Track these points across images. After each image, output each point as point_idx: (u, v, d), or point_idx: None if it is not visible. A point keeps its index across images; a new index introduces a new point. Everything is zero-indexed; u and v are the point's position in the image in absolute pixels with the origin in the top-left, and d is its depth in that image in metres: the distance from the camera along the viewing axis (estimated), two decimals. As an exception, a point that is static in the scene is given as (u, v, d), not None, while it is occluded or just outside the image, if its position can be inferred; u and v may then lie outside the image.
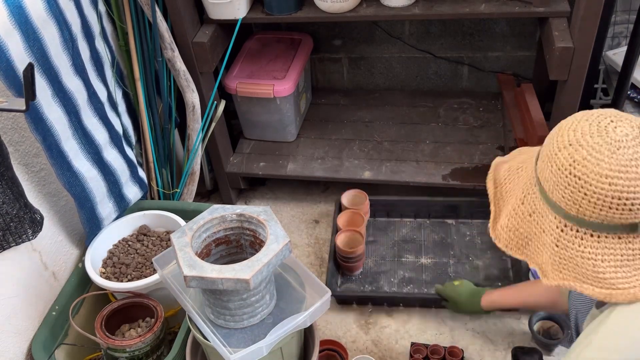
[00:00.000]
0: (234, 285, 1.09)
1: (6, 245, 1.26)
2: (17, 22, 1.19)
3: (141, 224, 1.65)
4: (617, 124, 0.87)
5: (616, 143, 0.85)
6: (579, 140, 0.87)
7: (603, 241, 0.88)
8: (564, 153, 0.88)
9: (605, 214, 0.86)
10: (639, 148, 0.84)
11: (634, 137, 0.85)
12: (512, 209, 1.01)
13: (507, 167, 1.09)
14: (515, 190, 1.03)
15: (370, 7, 1.68)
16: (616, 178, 0.83)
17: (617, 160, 0.84)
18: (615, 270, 0.88)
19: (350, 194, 1.91)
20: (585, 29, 1.45)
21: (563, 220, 0.91)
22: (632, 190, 0.83)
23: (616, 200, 0.84)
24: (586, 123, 0.89)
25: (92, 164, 1.48)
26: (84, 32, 1.45)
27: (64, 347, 1.46)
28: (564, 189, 0.88)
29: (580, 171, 0.86)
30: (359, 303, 1.76)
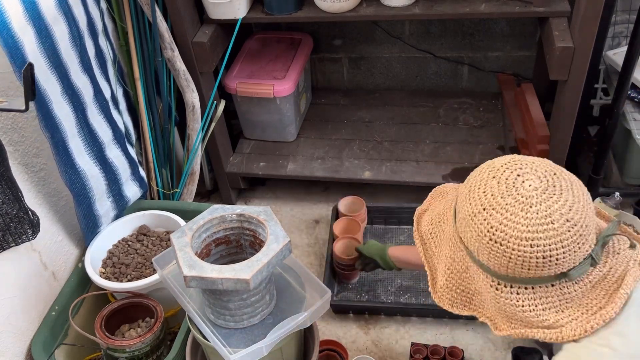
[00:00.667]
0: (234, 285, 1.09)
1: (6, 245, 1.26)
2: (31, 18, 1.19)
3: (141, 224, 1.65)
4: (525, 177, 0.88)
5: (527, 200, 0.85)
6: (491, 204, 0.87)
7: (538, 292, 0.89)
8: (480, 218, 0.88)
9: (533, 271, 0.86)
10: (550, 201, 0.85)
11: (543, 189, 0.86)
12: (447, 268, 1.00)
13: (429, 219, 1.10)
14: (443, 247, 1.03)
15: (370, 7, 1.68)
16: (536, 239, 0.84)
17: (533, 220, 0.84)
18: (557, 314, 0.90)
19: (347, 201, 1.90)
20: (585, 28, 1.45)
21: (495, 279, 0.92)
22: (553, 246, 0.84)
23: (541, 259, 0.85)
24: (494, 181, 0.89)
25: (94, 161, 1.48)
26: (89, 29, 1.45)
27: (63, 347, 1.46)
28: (488, 253, 0.89)
29: (499, 237, 0.86)
30: (355, 312, 1.74)
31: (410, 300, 1.74)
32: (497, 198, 0.87)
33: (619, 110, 1.67)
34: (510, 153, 1.91)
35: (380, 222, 1.96)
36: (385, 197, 2.09)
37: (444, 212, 1.06)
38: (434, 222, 1.08)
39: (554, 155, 1.73)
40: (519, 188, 0.87)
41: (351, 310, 1.73)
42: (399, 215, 1.93)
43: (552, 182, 0.87)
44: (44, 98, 1.27)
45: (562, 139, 1.68)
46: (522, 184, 0.87)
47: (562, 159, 1.73)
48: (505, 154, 1.94)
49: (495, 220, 0.87)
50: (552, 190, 0.86)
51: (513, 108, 2.05)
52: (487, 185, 0.90)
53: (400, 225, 1.95)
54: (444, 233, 1.04)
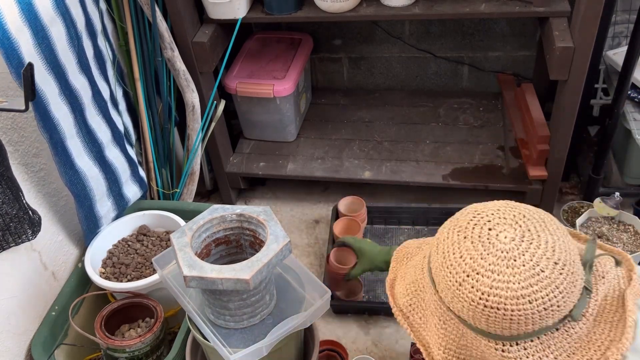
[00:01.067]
0: (233, 285, 1.09)
1: (6, 245, 1.26)
2: (27, 19, 1.19)
3: (141, 224, 1.65)
4: (497, 229, 0.84)
5: (509, 254, 0.81)
6: (474, 268, 0.82)
7: (545, 341, 0.85)
8: (467, 287, 0.83)
9: (538, 325, 0.82)
10: (531, 248, 0.81)
11: (520, 238, 0.82)
12: (440, 340, 0.93)
13: (403, 290, 1.03)
14: (429, 317, 0.96)
15: (370, 6, 1.68)
16: (532, 294, 0.79)
17: (522, 275, 0.80)
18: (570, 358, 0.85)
19: (347, 201, 1.90)
20: (585, 28, 1.45)
21: (499, 342, 0.85)
22: (552, 294, 0.80)
23: (543, 312, 0.80)
24: (467, 242, 0.84)
25: (94, 162, 1.48)
26: (87, 30, 1.45)
27: (63, 347, 1.45)
28: (487, 319, 0.83)
29: (494, 302, 0.81)
30: (355, 312, 1.74)
31: None
32: (478, 260, 0.82)
33: (619, 110, 1.67)
34: (510, 153, 1.93)
35: (380, 222, 1.96)
36: (385, 197, 2.09)
37: (417, 279, 1.00)
38: (410, 292, 1.01)
39: (554, 155, 1.73)
40: (496, 243, 0.82)
41: (351, 310, 1.73)
42: (399, 215, 1.93)
43: (526, 226, 0.83)
44: (42, 99, 1.27)
45: (562, 139, 1.68)
46: (496, 237, 0.83)
47: (562, 159, 1.73)
48: (505, 154, 1.94)
49: (484, 285, 0.81)
50: (529, 235, 0.82)
51: (513, 108, 2.05)
52: (461, 249, 0.85)
53: (400, 225, 1.95)
54: (425, 303, 0.97)
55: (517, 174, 1.86)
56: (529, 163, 1.83)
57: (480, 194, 1.93)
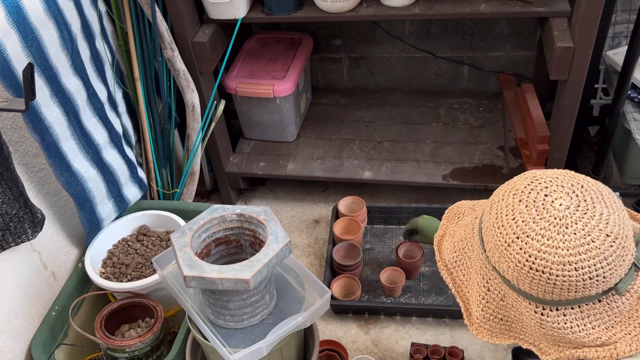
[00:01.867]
0: (234, 285, 1.09)
1: (6, 245, 1.26)
2: (14, 22, 1.18)
3: (141, 224, 1.65)
4: (553, 196, 0.84)
5: (562, 221, 0.81)
6: (525, 231, 0.83)
7: (586, 310, 0.85)
8: (515, 248, 0.84)
9: (581, 293, 0.82)
10: (585, 218, 0.81)
11: (575, 206, 0.82)
12: (481, 297, 0.95)
13: (451, 246, 1.04)
14: (473, 275, 0.97)
15: (370, 7, 1.68)
16: (579, 262, 0.80)
17: (572, 242, 0.80)
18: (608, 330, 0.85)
19: (347, 201, 1.90)
20: (585, 28, 1.45)
21: (539, 304, 0.87)
22: (598, 265, 0.80)
23: (588, 281, 0.81)
24: (521, 206, 0.85)
25: (91, 164, 1.48)
26: (84, 32, 1.45)
27: (63, 347, 1.46)
28: (530, 282, 0.84)
29: (540, 265, 0.81)
30: (355, 313, 1.74)
31: (410, 300, 1.74)
32: (530, 224, 0.83)
33: (619, 110, 1.67)
34: (510, 153, 1.93)
35: (380, 222, 1.96)
36: (385, 197, 2.09)
37: (466, 237, 1.01)
38: (457, 249, 1.02)
39: (554, 155, 1.73)
40: (550, 209, 0.82)
41: (351, 310, 1.73)
42: (399, 216, 1.93)
43: (582, 196, 0.83)
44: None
45: (562, 139, 1.68)
46: (551, 204, 0.83)
47: (562, 159, 1.73)
48: (505, 154, 1.94)
49: (533, 248, 0.82)
50: (584, 205, 0.82)
51: (513, 108, 2.05)
52: (515, 211, 0.85)
53: (400, 225, 1.94)
54: (470, 261, 0.99)
55: (517, 174, 1.85)
56: (529, 163, 1.83)
57: (480, 194, 1.93)
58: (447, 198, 2.03)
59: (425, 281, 1.78)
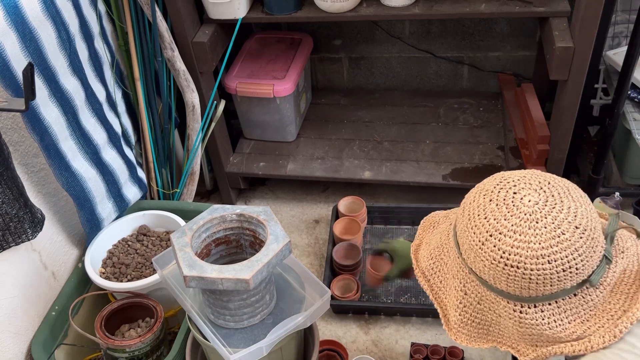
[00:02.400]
0: (234, 285, 1.09)
1: (5, 245, 1.26)
2: (13, 23, 1.19)
3: (141, 224, 1.65)
4: (522, 193, 0.86)
5: (532, 217, 0.83)
6: (497, 228, 0.85)
7: (562, 305, 0.87)
8: (489, 246, 0.85)
9: (557, 286, 0.84)
10: (554, 212, 0.83)
11: (544, 202, 0.84)
12: (458, 302, 0.96)
13: (427, 254, 1.06)
14: (450, 280, 0.99)
15: (370, 7, 1.68)
16: (552, 254, 0.81)
17: (543, 236, 0.82)
18: (583, 324, 0.87)
19: (347, 201, 1.90)
20: (585, 28, 1.45)
21: (517, 302, 0.88)
22: (570, 256, 0.82)
23: (562, 272, 0.82)
24: (492, 205, 0.87)
25: (90, 164, 1.48)
26: (82, 32, 1.45)
27: (63, 347, 1.46)
28: (507, 279, 0.85)
29: (515, 260, 0.83)
30: (355, 312, 1.74)
31: (410, 300, 1.74)
32: (501, 221, 0.85)
33: (619, 110, 1.67)
34: (510, 153, 1.93)
35: (380, 222, 1.96)
36: (385, 197, 2.09)
37: (441, 244, 1.03)
38: (434, 256, 1.04)
39: (554, 155, 1.73)
40: (520, 206, 0.85)
41: (351, 310, 1.73)
42: (398, 215, 1.93)
43: (550, 192, 0.86)
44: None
45: (562, 139, 1.68)
46: (520, 200, 0.85)
47: (562, 159, 1.73)
48: (505, 154, 1.94)
49: (506, 244, 0.84)
50: (552, 200, 0.84)
51: (513, 108, 2.05)
52: (486, 210, 0.87)
53: (400, 225, 1.94)
54: (447, 267, 1.00)
55: (517, 174, 1.86)
56: (529, 163, 1.83)
57: (480, 194, 1.92)
58: (447, 198, 2.03)
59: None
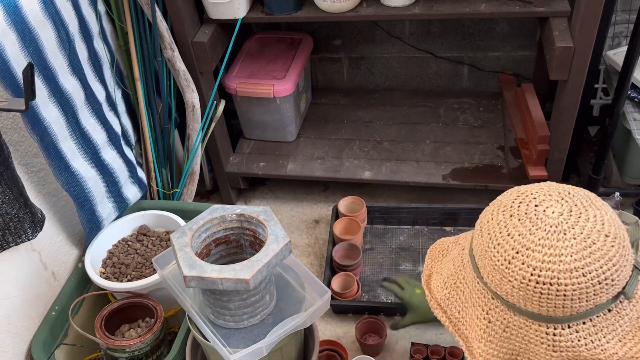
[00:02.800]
0: (234, 285, 1.09)
1: (5, 245, 1.26)
2: (12, 22, 1.19)
3: (141, 224, 1.65)
4: (544, 205, 0.82)
5: (559, 228, 0.79)
6: (523, 244, 0.80)
7: (597, 323, 0.82)
8: (517, 264, 0.80)
9: (593, 301, 0.79)
10: (581, 221, 0.79)
11: (568, 212, 0.81)
12: (482, 332, 0.90)
13: (441, 283, 1.00)
14: (470, 310, 0.93)
15: (370, 7, 1.68)
16: (586, 266, 0.77)
17: (574, 247, 0.78)
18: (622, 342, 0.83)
19: (347, 201, 1.90)
20: (585, 28, 1.45)
21: (551, 324, 0.82)
22: (605, 267, 0.78)
23: (597, 285, 0.78)
24: (514, 220, 0.82)
25: (90, 164, 1.48)
26: (81, 32, 1.45)
27: (63, 347, 1.46)
28: (539, 299, 0.80)
29: (547, 276, 0.78)
30: (355, 313, 1.73)
31: None
32: (527, 236, 0.80)
33: (619, 110, 1.67)
34: (510, 153, 1.93)
35: (381, 222, 1.96)
36: (385, 197, 2.09)
37: (456, 272, 0.96)
38: (448, 285, 0.97)
39: (554, 155, 1.73)
40: (544, 218, 0.80)
41: (351, 310, 1.73)
42: (399, 215, 1.93)
43: (572, 201, 0.82)
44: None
45: (562, 139, 1.68)
46: (544, 212, 0.81)
47: (562, 159, 1.73)
48: (505, 154, 1.94)
49: (536, 260, 0.79)
50: (576, 210, 0.80)
51: (513, 108, 2.05)
52: (508, 227, 0.82)
53: (400, 225, 1.94)
54: (464, 295, 0.94)
55: (517, 174, 1.86)
56: (529, 163, 1.83)
57: (480, 194, 1.93)
58: (447, 198, 2.03)
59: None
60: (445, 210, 1.89)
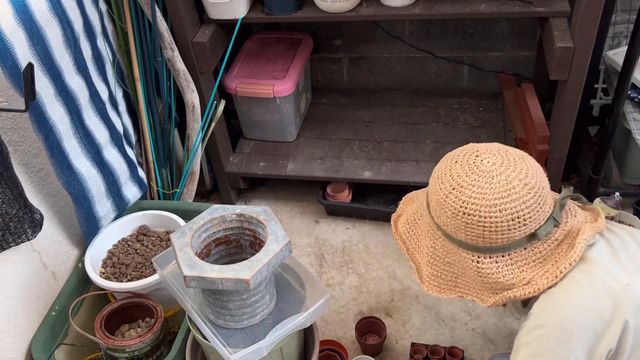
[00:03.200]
0: (234, 285, 1.09)
1: (6, 245, 1.26)
2: (21, 21, 1.19)
3: (141, 224, 1.65)
4: (482, 157, 1.01)
5: (489, 173, 0.98)
6: (459, 182, 1.00)
7: (514, 256, 1.01)
8: (452, 197, 1.01)
9: (507, 236, 0.98)
10: (508, 171, 0.98)
11: (500, 163, 0.99)
12: (429, 257, 1.11)
13: (405, 220, 1.21)
14: (422, 240, 1.14)
15: (370, 7, 1.68)
16: (502, 204, 0.96)
17: (497, 188, 0.97)
18: (532, 271, 1.00)
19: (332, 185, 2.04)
20: (585, 28, 1.45)
21: (475, 253, 1.02)
22: (519, 208, 0.96)
23: (510, 222, 0.97)
24: (457, 165, 1.03)
25: (91, 163, 1.48)
26: (85, 31, 1.45)
27: (63, 347, 1.46)
28: (465, 227, 1.00)
29: (471, 209, 0.98)
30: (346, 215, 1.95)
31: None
32: (463, 177, 1.00)
33: (619, 110, 1.67)
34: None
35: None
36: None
37: (416, 210, 1.18)
38: (410, 221, 1.19)
39: (554, 155, 1.73)
40: (480, 165, 1.00)
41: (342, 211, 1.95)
42: None
43: (507, 156, 1.00)
44: (37, 100, 1.26)
45: (562, 139, 1.68)
46: (481, 162, 1.01)
47: (562, 159, 1.73)
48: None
49: (466, 195, 0.99)
50: (507, 162, 0.99)
51: (513, 108, 2.04)
52: (452, 170, 1.03)
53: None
54: (420, 229, 1.15)
55: (517, 174, 1.86)
56: (529, 163, 1.83)
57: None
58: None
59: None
60: None
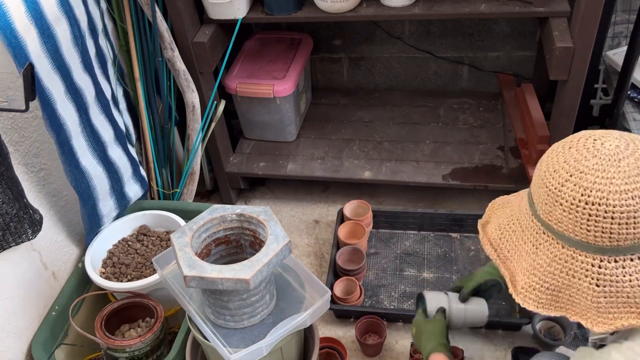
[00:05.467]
0: (234, 285, 1.09)
1: (6, 245, 1.26)
2: (33, 18, 1.20)
3: (141, 224, 1.65)
4: (602, 140, 0.84)
5: (614, 156, 0.81)
6: (578, 167, 0.82)
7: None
8: (569, 186, 0.82)
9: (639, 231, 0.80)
10: (637, 154, 0.81)
11: (625, 146, 0.82)
12: (528, 265, 0.92)
13: (496, 226, 1.03)
14: (520, 246, 0.95)
15: (370, 7, 1.68)
16: (636, 190, 0.78)
17: (626, 172, 0.79)
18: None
19: (352, 205, 1.86)
20: (585, 29, 1.45)
21: (597, 255, 0.83)
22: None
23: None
24: (572, 150, 0.85)
25: (97, 161, 1.49)
26: (90, 29, 1.46)
27: (64, 347, 1.46)
28: (587, 221, 0.81)
29: (596, 197, 0.80)
30: (357, 318, 1.66)
31: (413, 307, 1.69)
32: (582, 162, 0.82)
33: (619, 110, 1.67)
34: (510, 153, 1.93)
35: (386, 226, 1.93)
36: (385, 198, 2.09)
37: (511, 215, 0.99)
38: (502, 228, 1.01)
39: (554, 155, 1.73)
40: (601, 149, 0.82)
41: (353, 315, 1.70)
42: (405, 220, 1.90)
43: (631, 139, 0.83)
44: (49, 98, 1.27)
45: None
46: (602, 144, 0.83)
47: (562, 159, 1.73)
48: (505, 154, 1.94)
49: (587, 181, 0.81)
50: (633, 145, 0.82)
51: (513, 108, 2.05)
52: (566, 155, 0.85)
53: (406, 230, 1.92)
54: (516, 234, 0.97)
55: (517, 174, 1.86)
56: (529, 163, 1.83)
57: (480, 194, 1.93)
58: (448, 199, 2.03)
59: (430, 287, 1.75)
60: (451, 216, 1.86)
